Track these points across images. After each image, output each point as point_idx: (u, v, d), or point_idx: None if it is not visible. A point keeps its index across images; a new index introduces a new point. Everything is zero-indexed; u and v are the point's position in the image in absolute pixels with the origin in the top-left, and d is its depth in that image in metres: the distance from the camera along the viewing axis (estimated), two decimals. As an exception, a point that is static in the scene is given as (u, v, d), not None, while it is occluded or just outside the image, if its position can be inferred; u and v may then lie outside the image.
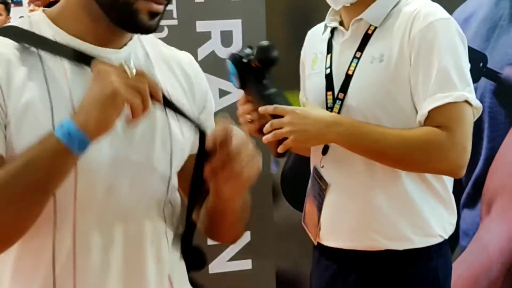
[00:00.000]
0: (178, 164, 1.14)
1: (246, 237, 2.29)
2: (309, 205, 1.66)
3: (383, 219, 1.51)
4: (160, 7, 1.06)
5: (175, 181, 1.16)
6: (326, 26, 1.63)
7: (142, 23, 1.04)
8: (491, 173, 2.42)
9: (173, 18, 2.18)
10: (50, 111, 1.01)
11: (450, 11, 1.58)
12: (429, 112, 1.44)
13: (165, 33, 2.16)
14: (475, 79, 1.74)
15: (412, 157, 1.47)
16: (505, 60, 2.44)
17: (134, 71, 0.96)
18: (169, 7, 2.47)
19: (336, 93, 1.55)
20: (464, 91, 1.45)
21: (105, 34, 1.08)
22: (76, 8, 1.07)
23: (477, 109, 1.47)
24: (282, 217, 2.35)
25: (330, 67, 1.59)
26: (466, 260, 2.46)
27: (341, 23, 1.61)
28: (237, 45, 2.18)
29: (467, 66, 1.49)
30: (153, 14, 1.05)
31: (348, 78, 1.54)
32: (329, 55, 1.60)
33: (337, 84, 1.55)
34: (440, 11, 1.51)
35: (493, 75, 2.43)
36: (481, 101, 1.56)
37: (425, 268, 1.54)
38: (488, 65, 2.43)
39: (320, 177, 1.60)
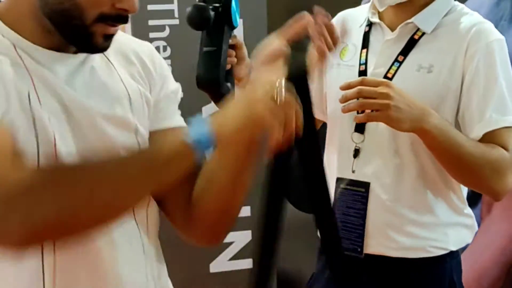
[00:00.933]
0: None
1: (247, 236, 2.29)
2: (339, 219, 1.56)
3: (404, 229, 1.50)
4: (116, 29, 1.03)
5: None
6: (368, 20, 1.57)
7: (97, 45, 1.03)
8: (492, 173, 2.41)
9: (174, 18, 2.18)
10: None
11: (451, 11, 1.58)
12: (484, 135, 1.44)
13: (166, 32, 2.17)
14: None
15: (481, 171, 1.43)
16: (506, 60, 2.44)
17: (283, 96, 0.94)
18: (170, 7, 2.49)
19: None
20: None
21: (59, 43, 1.04)
22: (31, 17, 1.02)
23: None
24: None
25: (365, 63, 1.54)
26: (467, 260, 2.44)
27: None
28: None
29: None
30: (108, 36, 1.03)
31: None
32: (364, 50, 1.55)
33: None
34: (495, 30, 1.49)
35: (494, 75, 2.42)
36: (483, 100, 1.56)
37: (439, 272, 1.55)
38: (489, 65, 2.42)
39: (355, 183, 1.53)
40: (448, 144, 1.40)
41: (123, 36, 1.17)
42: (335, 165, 1.56)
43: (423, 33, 1.50)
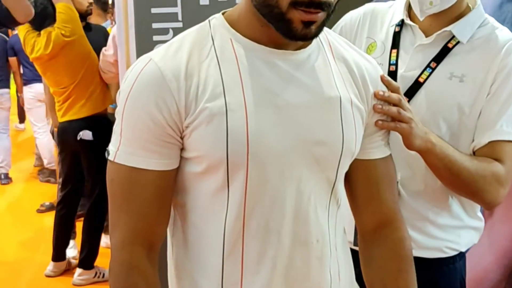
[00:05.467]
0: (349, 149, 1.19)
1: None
2: None
3: (426, 231, 1.53)
4: (313, 16, 1.08)
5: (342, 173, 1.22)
6: (403, 22, 1.56)
7: (296, 32, 1.09)
8: (494, 175, 2.41)
9: (178, 21, 2.19)
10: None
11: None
12: (490, 142, 1.45)
13: (170, 35, 2.18)
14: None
15: (475, 185, 1.45)
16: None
17: None
18: (173, 10, 2.49)
19: None
20: None
21: (276, 37, 1.12)
22: (248, 14, 1.14)
23: None
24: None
25: (396, 64, 1.53)
26: (469, 262, 2.45)
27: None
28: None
29: None
30: (307, 23, 1.08)
31: (417, 84, 1.49)
32: (394, 50, 1.55)
33: (403, 86, 1.46)
34: None
35: (496, 78, 2.43)
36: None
37: (452, 271, 1.59)
38: (491, 68, 2.43)
39: None
40: (448, 161, 1.42)
41: (352, 48, 1.26)
42: None
43: (457, 43, 1.51)
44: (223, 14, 1.18)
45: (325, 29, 1.24)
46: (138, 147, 1.10)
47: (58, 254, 4.06)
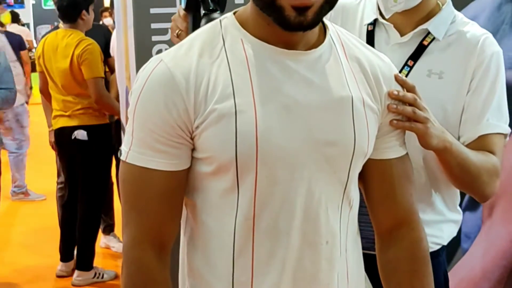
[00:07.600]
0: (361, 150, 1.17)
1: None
2: None
3: None
4: (304, 1, 1.05)
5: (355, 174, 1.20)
6: (377, 20, 1.56)
7: (289, 20, 1.06)
8: (493, 176, 2.42)
9: (176, 21, 2.19)
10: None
11: (452, 15, 1.59)
12: (479, 136, 1.46)
13: (168, 35, 2.17)
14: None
15: (480, 179, 1.45)
16: (507, 64, 2.42)
17: None
18: (172, 10, 2.49)
19: None
20: (506, 124, 1.50)
21: (285, 36, 1.11)
22: (254, 14, 1.13)
23: (505, 142, 1.52)
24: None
25: None
26: (468, 263, 2.46)
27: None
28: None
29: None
30: (300, 9, 1.05)
31: None
32: None
33: None
34: (496, 42, 1.53)
35: (495, 79, 2.43)
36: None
37: (435, 265, 1.57)
38: (490, 69, 2.43)
39: None
40: (461, 159, 1.42)
41: (366, 48, 1.24)
42: None
43: (432, 40, 1.51)
44: (234, 13, 1.18)
45: (338, 28, 1.24)
46: (148, 147, 1.11)
47: (66, 254, 4.07)
